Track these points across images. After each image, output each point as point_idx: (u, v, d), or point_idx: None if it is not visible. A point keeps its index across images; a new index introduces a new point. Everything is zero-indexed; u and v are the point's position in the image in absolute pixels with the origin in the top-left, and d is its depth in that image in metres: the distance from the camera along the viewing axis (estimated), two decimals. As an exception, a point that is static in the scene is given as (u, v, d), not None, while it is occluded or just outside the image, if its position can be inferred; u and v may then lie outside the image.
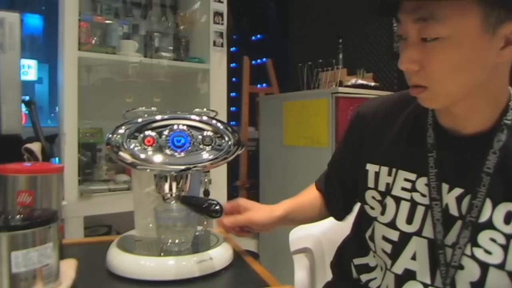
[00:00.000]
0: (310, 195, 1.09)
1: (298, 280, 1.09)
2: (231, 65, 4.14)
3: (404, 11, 0.68)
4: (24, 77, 3.63)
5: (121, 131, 0.77)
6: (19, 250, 0.63)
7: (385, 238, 0.83)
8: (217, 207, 0.72)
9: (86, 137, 1.96)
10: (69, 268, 0.77)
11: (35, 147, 1.38)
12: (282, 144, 2.68)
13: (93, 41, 1.80)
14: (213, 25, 1.96)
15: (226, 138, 0.83)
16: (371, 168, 0.87)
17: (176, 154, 0.78)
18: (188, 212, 0.87)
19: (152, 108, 0.86)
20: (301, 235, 1.26)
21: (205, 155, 0.80)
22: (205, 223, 0.90)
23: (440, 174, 0.76)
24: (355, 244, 0.98)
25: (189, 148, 0.79)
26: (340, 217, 1.07)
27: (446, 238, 0.75)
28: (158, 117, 0.81)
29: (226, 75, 2.02)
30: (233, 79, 3.92)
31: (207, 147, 0.81)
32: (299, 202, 1.07)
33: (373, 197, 0.86)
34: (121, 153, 0.76)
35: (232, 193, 3.48)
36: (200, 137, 0.80)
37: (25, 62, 3.63)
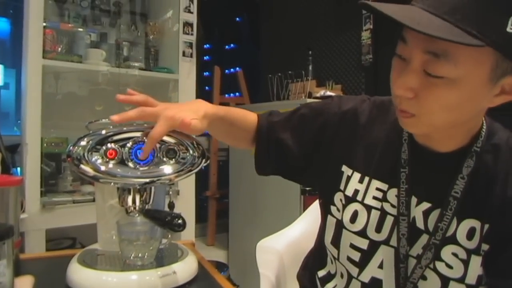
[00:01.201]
0: (248, 122, 0.96)
1: (264, 294, 1.09)
2: (205, 73, 4.13)
3: (416, 38, 0.65)
4: None
5: (83, 143, 0.75)
6: (-31, 268, 0.60)
7: (353, 246, 0.83)
8: (180, 221, 0.71)
9: (51, 146, 1.91)
10: (25, 286, 0.74)
11: (-5, 157, 1.34)
12: (252, 153, 2.68)
13: (59, 49, 1.76)
14: (182, 35, 1.95)
15: (191, 151, 0.82)
16: (346, 170, 0.87)
17: (139, 167, 0.77)
18: (151, 225, 0.85)
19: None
20: (268, 246, 1.26)
21: (169, 168, 0.79)
22: (169, 236, 0.89)
23: (410, 189, 0.78)
24: (319, 255, 0.98)
25: (153, 160, 0.78)
26: (261, 171, 0.99)
27: (412, 250, 0.77)
28: (122, 129, 0.79)
29: (195, 85, 2.01)
30: (206, 87, 3.90)
31: (171, 160, 0.79)
32: (233, 117, 0.94)
33: (340, 200, 0.86)
34: (82, 166, 0.73)
35: (202, 204, 3.45)
36: (163, 149, 0.79)
37: None
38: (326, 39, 3.37)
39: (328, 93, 2.56)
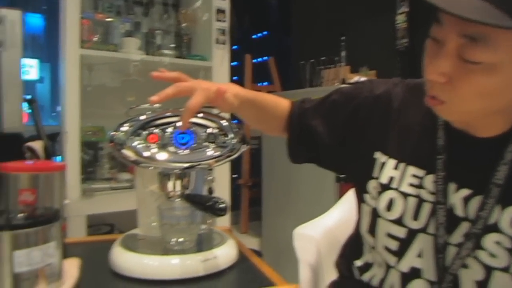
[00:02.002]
0: (280, 108, 0.96)
1: (303, 279, 1.08)
2: (232, 63, 4.13)
3: (452, 20, 0.61)
4: (25, 77, 3.63)
5: (124, 128, 0.76)
6: (21, 249, 0.63)
7: (390, 235, 0.81)
8: (222, 205, 0.71)
9: (88, 135, 1.95)
10: (72, 267, 0.76)
11: (37, 145, 1.37)
12: (285, 141, 2.67)
13: (95, 39, 1.79)
14: (215, 23, 1.95)
15: (230, 136, 0.82)
16: (380, 157, 0.85)
17: (180, 151, 0.77)
18: (191, 210, 0.86)
19: (155, 105, 0.85)
20: (305, 233, 1.25)
21: (209, 153, 0.79)
22: (209, 221, 0.89)
23: (448, 176, 0.75)
24: (356, 243, 0.97)
25: (193, 145, 0.78)
26: (295, 159, 0.98)
27: (451, 238, 0.75)
28: (162, 114, 0.80)
29: (228, 73, 2.01)
30: (234, 77, 3.90)
31: (211, 145, 0.80)
32: (264, 102, 0.93)
33: (374, 187, 0.85)
34: (124, 151, 0.75)
35: (235, 192, 3.47)
36: (204, 134, 0.79)
37: (27, 61, 3.70)
38: (359, 24, 3.31)
39: (362, 79, 2.51)
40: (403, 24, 2.81)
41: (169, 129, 0.78)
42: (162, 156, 0.77)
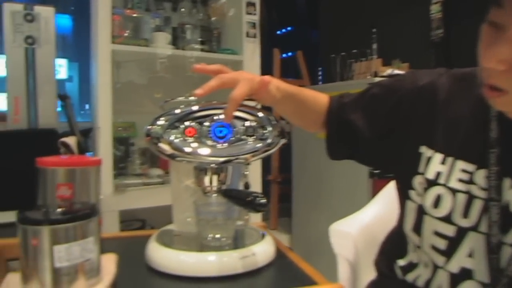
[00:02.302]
0: (319, 103, 0.94)
1: (342, 277, 1.06)
2: (259, 58, 4.10)
3: None
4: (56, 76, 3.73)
5: (160, 122, 0.75)
6: (61, 244, 0.62)
7: (437, 233, 0.77)
8: (262, 200, 0.69)
9: (119, 131, 1.97)
10: (109, 263, 0.76)
11: (71, 141, 1.39)
12: (316, 137, 2.63)
13: (126, 34, 1.79)
14: (245, 16, 1.93)
15: (269, 129, 0.80)
16: (425, 151, 0.81)
17: (218, 145, 0.76)
18: (228, 206, 0.84)
19: (191, 98, 0.83)
20: (342, 229, 1.22)
21: (248, 147, 0.77)
22: (246, 217, 0.87)
23: (502, 171, 0.71)
24: (398, 242, 0.93)
25: (231, 139, 0.76)
26: (333, 155, 0.96)
27: (506, 237, 0.70)
28: (198, 107, 0.78)
29: (259, 67, 1.99)
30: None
31: (249, 138, 0.78)
32: (304, 96, 0.92)
33: (420, 183, 0.81)
34: (160, 145, 0.73)
35: (264, 188, 3.46)
36: (242, 127, 0.77)
37: (56, 61, 3.72)
38: (391, 15, 3.23)
39: (396, 71, 2.45)
40: (438, 14, 2.72)
41: (207, 122, 0.76)
42: (200, 149, 0.75)
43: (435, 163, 0.79)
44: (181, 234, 0.93)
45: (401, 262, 0.90)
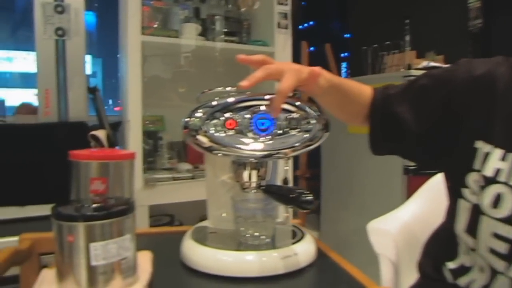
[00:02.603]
0: (363, 95, 0.90)
1: (386, 278, 1.01)
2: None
3: None
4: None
5: (198, 114, 0.71)
6: (97, 242, 0.59)
7: (497, 236, 0.72)
8: (309, 197, 0.65)
9: (147, 125, 1.95)
10: (145, 261, 0.72)
11: (101, 134, 1.37)
12: (347, 132, 2.57)
13: (155, 26, 1.77)
14: (277, 6, 1.88)
15: (313, 121, 0.75)
16: (482, 147, 0.75)
17: (259, 138, 0.71)
18: (268, 202, 0.80)
19: (228, 88, 0.79)
20: (381, 228, 1.17)
21: (291, 140, 0.73)
22: (286, 215, 0.83)
23: None
24: (446, 243, 0.87)
25: (274, 131, 0.72)
26: (377, 150, 0.91)
27: None
28: (238, 98, 0.74)
29: (291, 58, 1.94)
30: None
31: (292, 131, 0.73)
32: (348, 87, 0.87)
33: (476, 181, 0.75)
34: (199, 137, 0.70)
35: (293, 184, 3.41)
36: (285, 119, 0.73)
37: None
38: (425, 5, 3.12)
39: (433, 63, 2.36)
40: (477, 3, 2.61)
41: (248, 114, 0.72)
42: (240, 143, 0.71)
43: (494, 160, 0.73)
44: (217, 231, 0.90)
45: (451, 265, 0.85)
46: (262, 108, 0.72)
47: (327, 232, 2.97)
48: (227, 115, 0.71)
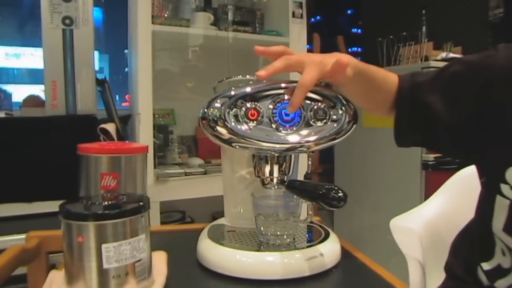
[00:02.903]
0: (389, 82, 0.84)
1: (414, 281, 0.95)
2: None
3: None
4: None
5: (217, 104, 0.66)
6: (110, 243, 0.54)
7: None
8: (340, 194, 0.59)
9: (157, 119, 1.91)
10: (160, 263, 0.68)
11: (110, 127, 1.33)
12: (361, 125, 2.51)
13: (166, 15, 1.72)
14: (292, -5, 1.82)
15: (340, 112, 0.70)
16: None
17: (283, 130, 0.66)
18: (288, 199, 0.76)
19: (248, 76, 0.74)
20: (404, 225, 1.12)
21: (318, 132, 0.68)
22: (310, 212, 0.78)
23: None
24: (479, 242, 0.82)
25: (299, 122, 0.67)
26: (402, 142, 0.86)
27: None
28: (257, 87, 0.68)
29: (305, 48, 1.88)
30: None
31: (319, 123, 0.68)
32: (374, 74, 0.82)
33: None
34: (218, 128, 0.65)
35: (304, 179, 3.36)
36: (311, 109, 0.68)
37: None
38: (442, -5, 3.05)
39: (452, 55, 2.29)
40: (497, -8, 2.53)
41: (271, 104, 0.67)
42: (262, 134, 0.66)
43: None
44: (235, 229, 0.85)
45: (486, 266, 0.79)
46: (286, 97, 0.67)
47: (341, 228, 2.92)
48: (249, 105, 0.66)
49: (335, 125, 0.69)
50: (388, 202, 2.32)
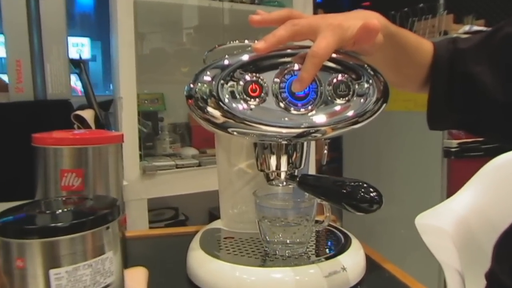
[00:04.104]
0: (423, 50, 0.73)
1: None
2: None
3: None
4: (78, 56, 3.73)
5: (207, 77, 0.53)
6: (61, 267, 0.42)
7: None
8: (373, 193, 0.47)
9: (145, 104, 1.78)
10: (138, 285, 0.56)
11: (87, 114, 1.20)
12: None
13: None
14: (295, -40, 1.69)
15: (366, 85, 0.57)
16: None
17: (294, 109, 0.53)
18: (300, 199, 0.64)
19: (246, 41, 0.61)
20: (434, 225, 1.01)
21: (338, 112, 0.55)
22: (327, 215, 0.66)
23: None
24: None
25: (315, 100, 0.54)
26: (436, 123, 0.76)
27: None
28: (256, 54, 0.55)
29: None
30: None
31: (339, 100, 0.55)
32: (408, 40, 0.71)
33: None
34: (210, 109, 0.52)
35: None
36: (331, 82, 0.55)
37: (78, 40, 3.78)
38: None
39: (476, 28, 2.15)
40: (524, -44, 2.39)
41: (277, 77, 0.54)
42: (266, 116, 0.53)
43: None
44: (234, 236, 0.73)
45: None
46: (298, 67, 0.54)
47: (350, 223, 2.82)
48: (248, 77, 0.53)
49: (362, 100, 0.56)
50: (404, 194, 2.22)
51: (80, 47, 3.86)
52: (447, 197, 1.14)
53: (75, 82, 1.55)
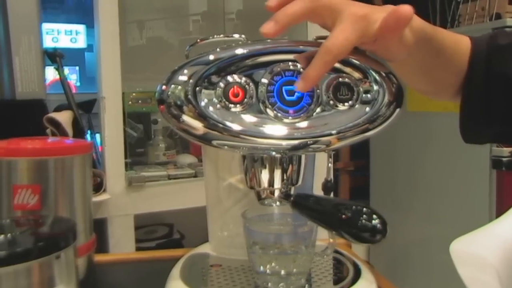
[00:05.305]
0: (462, 51, 0.70)
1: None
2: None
3: None
4: (72, 45, 3.90)
5: (183, 77, 0.53)
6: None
7: None
8: (375, 221, 0.46)
9: (136, 104, 1.79)
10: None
11: (63, 117, 1.21)
12: (405, 110, 2.39)
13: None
14: None
15: (375, 88, 0.56)
16: None
17: (285, 117, 0.53)
18: (298, 222, 0.64)
19: (235, 35, 0.61)
20: (476, 254, 0.98)
21: (340, 120, 0.54)
22: (330, 241, 0.65)
23: None
24: None
25: (311, 106, 0.53)
26: (472, 136, 0.74)
27: None
28: (245, 50, 0.54)
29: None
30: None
31: (341, 105, 0.54)
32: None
33: None
34: (185, 118, 0.51)
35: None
36: (330, 84, 0.54)
37: (73, 27, 3.92)
38: None
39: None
40: None
41: (265, 77, 0.53)
42: (254, 125, 0.52)
43: None
44: (222, 263, 0.73)
45: None
46: (295, 66, 0.53)
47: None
48: (231, 78, 0.52)
49: (367, 108, 0.55)
50: (443, 212, 2.20)
51: (75, 35, 3.93)
52: (496, 216, 1.12)
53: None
